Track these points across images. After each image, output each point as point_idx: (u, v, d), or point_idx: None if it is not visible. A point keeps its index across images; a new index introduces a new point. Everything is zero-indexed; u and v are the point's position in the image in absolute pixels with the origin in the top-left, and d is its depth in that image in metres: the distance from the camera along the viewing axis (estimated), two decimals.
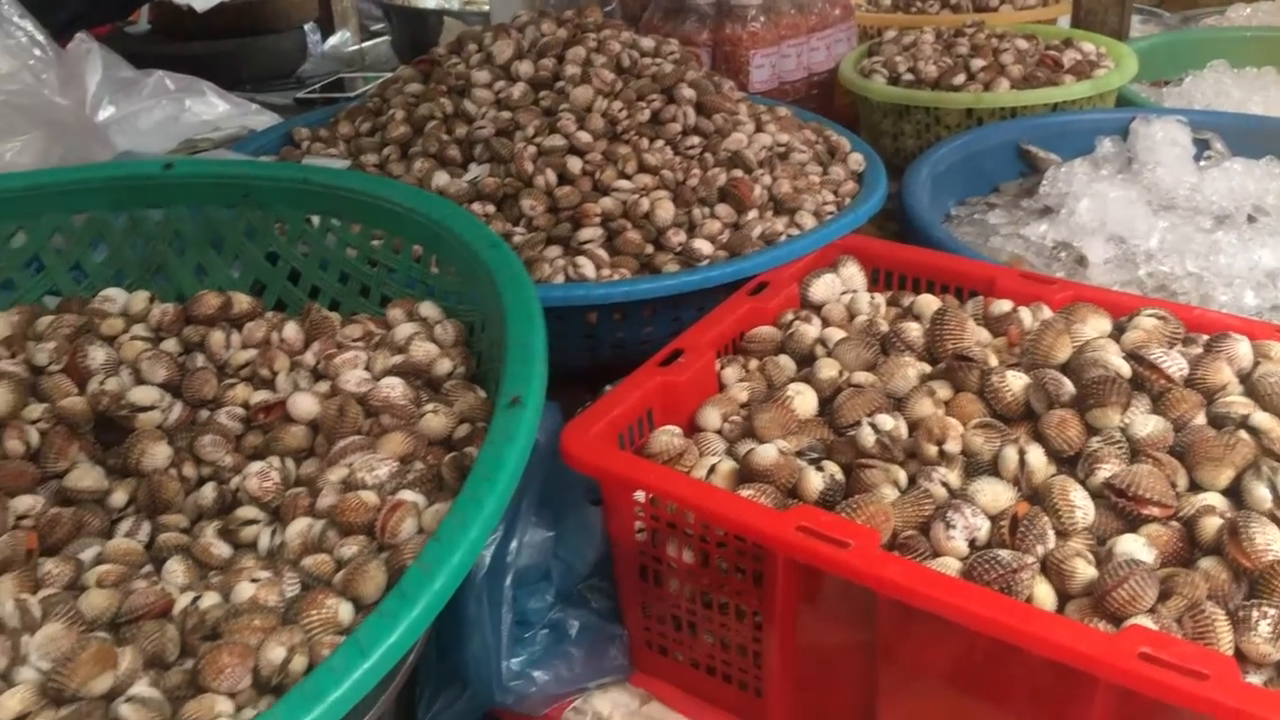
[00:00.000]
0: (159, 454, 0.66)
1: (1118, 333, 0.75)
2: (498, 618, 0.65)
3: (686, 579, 0.67)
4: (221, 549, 0.61)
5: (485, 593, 0.65)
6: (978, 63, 1.38)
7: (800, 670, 0.66)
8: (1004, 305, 0.79)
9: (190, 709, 0.48)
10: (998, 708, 0.58)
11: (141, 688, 0.49)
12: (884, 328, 0.80)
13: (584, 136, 0.98)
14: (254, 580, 0.54)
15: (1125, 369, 0.68)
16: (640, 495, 0.67)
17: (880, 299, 0.86)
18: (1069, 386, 0.67)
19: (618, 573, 0.71)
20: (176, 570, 0.60)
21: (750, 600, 0.65)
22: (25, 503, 0.63)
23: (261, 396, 0.70)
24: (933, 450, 0.66)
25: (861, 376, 0.74)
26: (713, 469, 0.69)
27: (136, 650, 0.50)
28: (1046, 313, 0.79)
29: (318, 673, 0.45)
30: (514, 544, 0.66)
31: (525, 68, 1.04)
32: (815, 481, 0.66)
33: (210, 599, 0.54)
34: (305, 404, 0.68)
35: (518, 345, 0.62)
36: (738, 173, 0.99)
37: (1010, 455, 0.64)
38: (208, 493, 0.65)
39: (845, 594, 0.61)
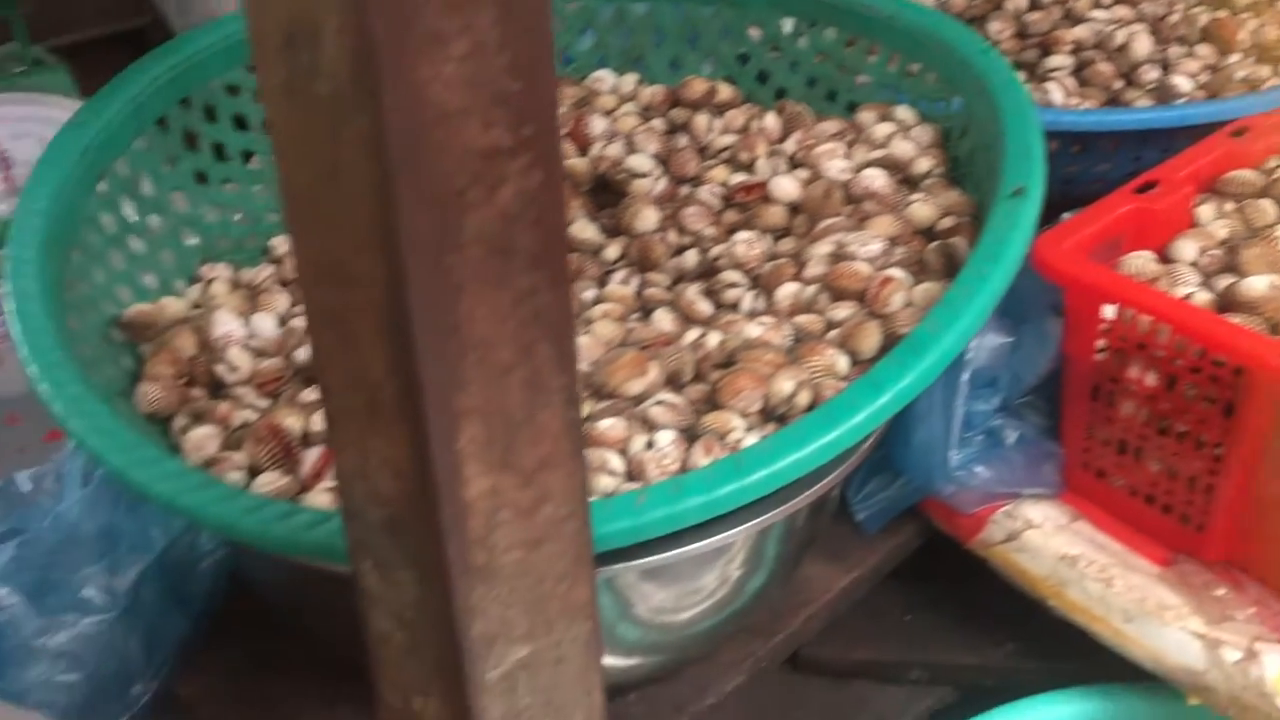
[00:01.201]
0: (650, 217, 0.72)
1: None
2: (951, 408, 0.67)
3: (1144, 403, 0.67)
4: (704, 306, 0.66)
5: (941, 382, 0.67)
6: None
7: (1253, 509, 0.65)
8: None
9: (709, 419, 0.53)
10: None
11: (667, 394, 0.55)
12: None
13: None
14: (762, 323, 0.59)
15: None
16: (1109, 311, 0.66)
17: None
18: None
19: (1066, 390, 0.72)
20: (664, 319, 0.66)
21: (1213, 431, 0.64)
22: None
23: (741, 178, 0.75)
24: None
25: None
26: (1187, 298, 0.67)
27: (660, 365, 0.56)
28: None
29: (836, 400, 0.49)
30: (975, 340, 0.67)
31: None
32: None
33: (715, 337, 0.59)
34: (787, 186, 0.71)
35: (1016, 141, 0.62)
36: (1222, 13, 0.93)
37: None
38: (690, 257, 0.71)
39: None
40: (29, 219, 0.61)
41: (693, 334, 0.60)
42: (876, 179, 0.69)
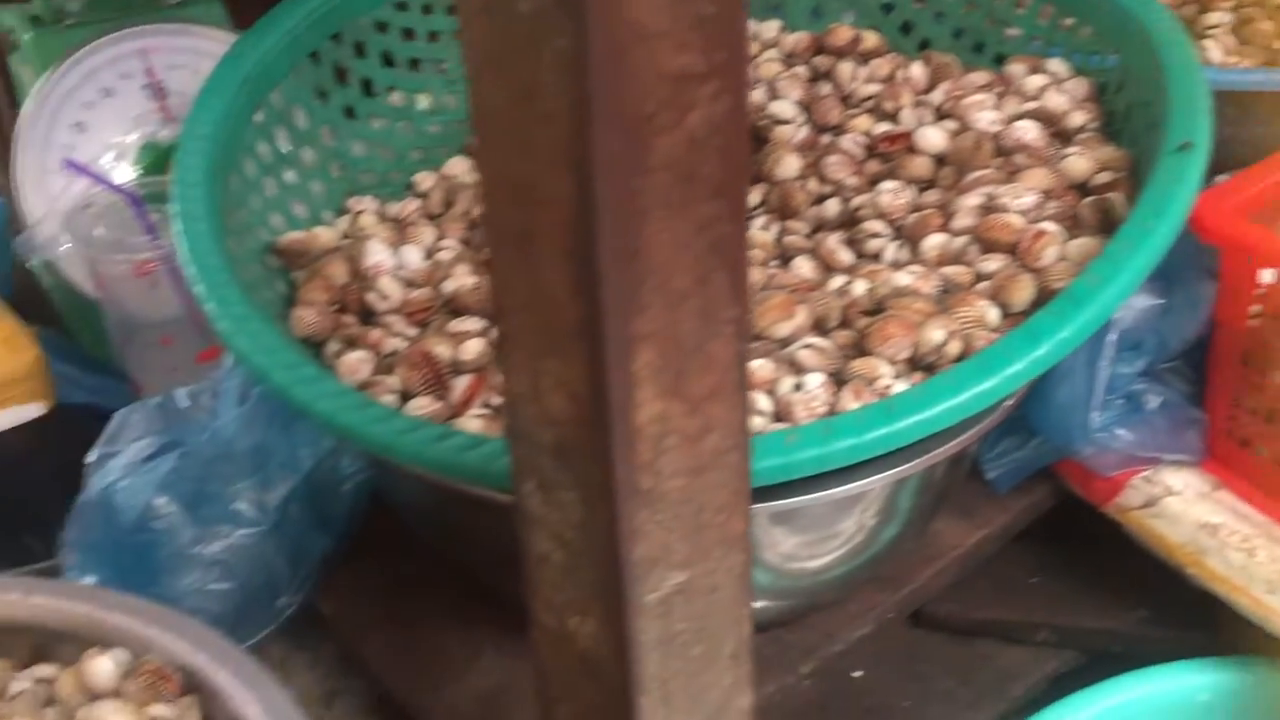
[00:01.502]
0: (791, 164, 0.72)
1: None
2: (1095, 368, 0.66)
3: None
4: (845, 255, 0.66)
5: (1087, 342, 0.66)
6: None
7: None
8: None
9: (856, 365, 0.53)
10: None
11: (814, 338, 0.55)
12: None
13: None
14: (911, 272, 0.58)
15: None
16: (1266, 275, 0.64)
17: None
18: None
19: (1214, 356, 0.70)
20: (804, 266, 0.66)
21: None
22: None
23: (885, 128, 0.74)
24: None
25: None
26: None
27: (808, 309, 0.56)
28: None
29: (992, 349, 0.49)
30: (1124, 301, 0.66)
31: None
32: None
33: (861, 285, 0.59)
34: (933, 137, 0.70)
35: (1181, 95, 0.61)
36: None
37: None
38: (831, 206, 0.70)
39: None
40: (194, 143, 0.63)
41: (838, 280, 0.60)
42: (1029, 131, 0.67)
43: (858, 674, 0.71)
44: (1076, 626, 0.74)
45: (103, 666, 0.51)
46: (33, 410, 0.69)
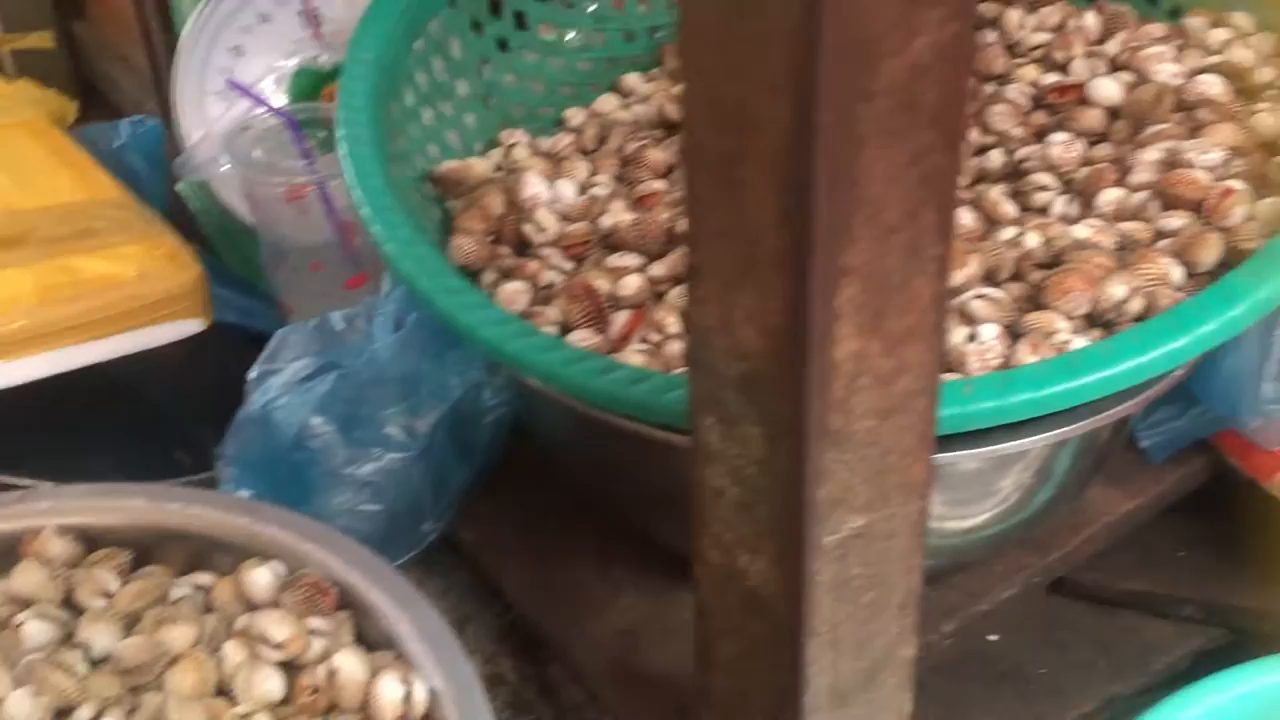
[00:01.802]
0: None
1: None
2: (1270, 337, 0.63)
3: None
4: (1009, 207, 0.64)
5: None
6: None
7: None
8: None
9: (1031, 318, 0.51)
10: None
11: (987, 289, 0.53)
12: None
13: None
14: (1089, 225, 0.56)
15: None
16: None
17: None
18: None
19: None
20: (965, 217, 0.63)
21: None
22: None
23: (1053, 79, 0.71)
24: None
25: None
26: None
27: (980, 259, 0.55)
28: None
29: (1183, 307, 0.47)
30: None
31: None
32: None
33: (1034, 237, 0.57)
34: (1108, 88, 0.67)
35: None
36: None
37: None
38: (995, 157, 0.68)
39: None
40: (358, 68, 0.63)
41: (1008, 232, 0.58)
42: (1214, 86, 0.64)
43: (994, 638, 0.70)
44: (1225, 604, 0.71)
45: (261, 577, 0.52)
46: (192, 326, 0.71)
